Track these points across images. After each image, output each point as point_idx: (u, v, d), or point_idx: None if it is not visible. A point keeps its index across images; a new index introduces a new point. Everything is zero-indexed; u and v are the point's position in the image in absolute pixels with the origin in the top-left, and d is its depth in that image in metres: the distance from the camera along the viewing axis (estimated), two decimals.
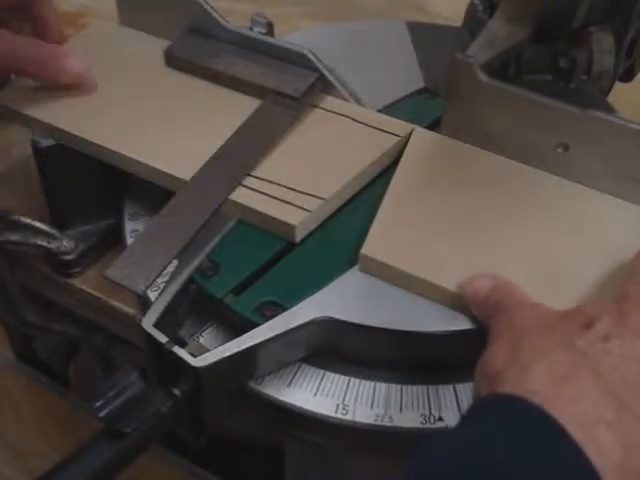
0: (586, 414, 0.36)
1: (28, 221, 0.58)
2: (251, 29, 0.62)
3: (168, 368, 0.46)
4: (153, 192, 0.57)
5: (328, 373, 0.49)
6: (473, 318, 0.47)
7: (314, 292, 0.48)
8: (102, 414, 0.44)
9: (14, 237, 0.59)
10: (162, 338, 0.46)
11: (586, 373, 0.37)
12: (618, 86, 0.66)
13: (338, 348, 0.49)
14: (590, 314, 0.40)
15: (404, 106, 0.61)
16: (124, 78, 0.61)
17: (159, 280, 0.51)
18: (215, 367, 0.45)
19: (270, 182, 0.53)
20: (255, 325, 0.47)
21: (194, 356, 0.45)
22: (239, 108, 0.58)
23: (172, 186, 0.54)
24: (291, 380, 0.49)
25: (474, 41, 0.60)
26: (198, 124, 0.57)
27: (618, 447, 0.35)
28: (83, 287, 0.60)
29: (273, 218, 0.51)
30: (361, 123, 0.57)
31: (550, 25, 0.60)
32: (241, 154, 0.54)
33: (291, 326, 0.47)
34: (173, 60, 0.61)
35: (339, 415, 0.47)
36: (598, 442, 0.35)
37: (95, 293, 0.59)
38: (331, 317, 0.47)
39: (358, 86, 0.60)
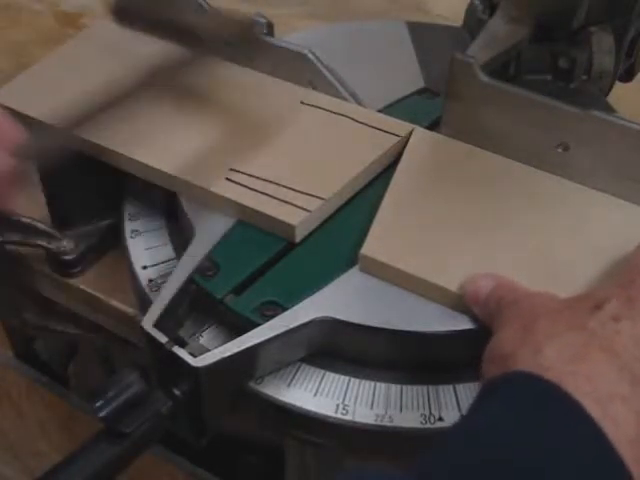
0: (601, 390, 0.36)
1: (28, 221, 0.58)
2: None
3: (168, 368, 0.46)
4: (153, 192, 0.57)
5: (328, 373, 0.49)
6: (473, 318, 0.47)
7: (314, 292, 0.48)
8: (102, 414, 0.44)
9: (14, 237, 0.59)
10: (162, 338, 0.46)
11: (599, 351, 0.37)
12: (618, 86, 0.66)
13: (338, 348, 0.49)
14: (599, 297, 0.40)
15: (404, 106, 0.61)
16: (124, 78, 0.61)
17: (159, 280, 0.51)
18: (215, 367, 0.45)
19: (270, 182, 0.53)
20: (255, 325, 0.47)
21: (194, 356, 0.45)
22: (239, 109, 0.58)
23: (172, 186, 0.54)
24: (291, 380, 0.49)
25: (474, 41, 0.60)
26: (198, 124, 0.57)
27: (634, 421, 0.35)
28: (83, 287, 0.60)
29: (273, 218, 0.51)
30: (361, 123, 0.57)
31: (550, 25, 0.60)
32: None
33: (291, 326, 0.47)
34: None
35: (339, 415, 0.47)
36: (614, 417, 0.35)
37: (95, 293, 0.59)
38: (331, 317, 0.47)
39: (358, 86, 0.60)
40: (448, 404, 0.48)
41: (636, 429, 0.35)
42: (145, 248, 0.55)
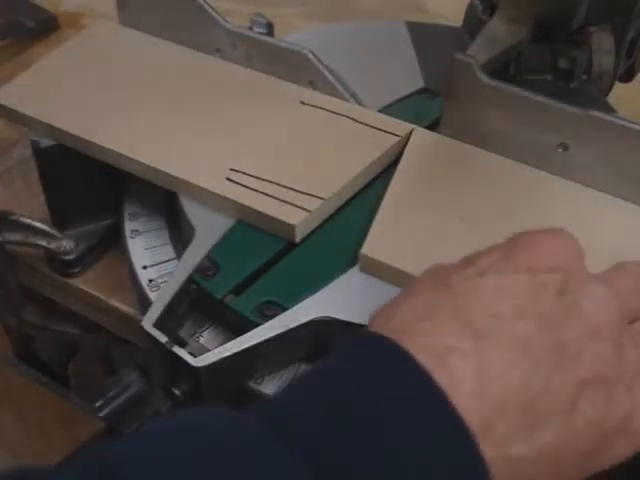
0: (438, 344, 0.35)
1: (28, 221, 0.58)
2: (251, 29, 0.62)
3: (168, 368, 0.46)
4: (153, 192, 0.57)
5: None
6: None
7: (314, 292, 0.48)
8: (102, 414, 0.45)
9: (14, 237, 0.59)
10: (162, 338, 0.46)
11: (446, 309, 0.37)
12: (618, 86, 0.66)
13: None
14: (479, 252, 0.40)
15: (404, 106, 0.61)
16: (124, 78, 0.61)
17: (159, 280, 0.51)
18: (215, 367, 0.45)
19: (270, 182, 0.53)
20: (255, 325, 0.47)
21: (194, 356, 0.45)
22: (240, 110, 0.58)
23: (172, 186, 0.54)
24: (291, 380, 0.49)
25: (474, 41, 0.60)
26: (198, 124, 0.57)
27: (472, 375, 0.35)
28: (83, 287, 0.60)
29: (273, 218, 0.51)
30: (361, 123, 0.57)
31: (550, 25, 0.60)
32: None
33: (291, 326, 0.47)
34: None
35: None
36: (450, 369, 0.35)
37: (95, 293, 0.60)
38: (331, 317, 0.47)
39: (358, 86, 0.60)
40: None
41: (475, 382, 0.35)
42: (145, 248, 0.56)
